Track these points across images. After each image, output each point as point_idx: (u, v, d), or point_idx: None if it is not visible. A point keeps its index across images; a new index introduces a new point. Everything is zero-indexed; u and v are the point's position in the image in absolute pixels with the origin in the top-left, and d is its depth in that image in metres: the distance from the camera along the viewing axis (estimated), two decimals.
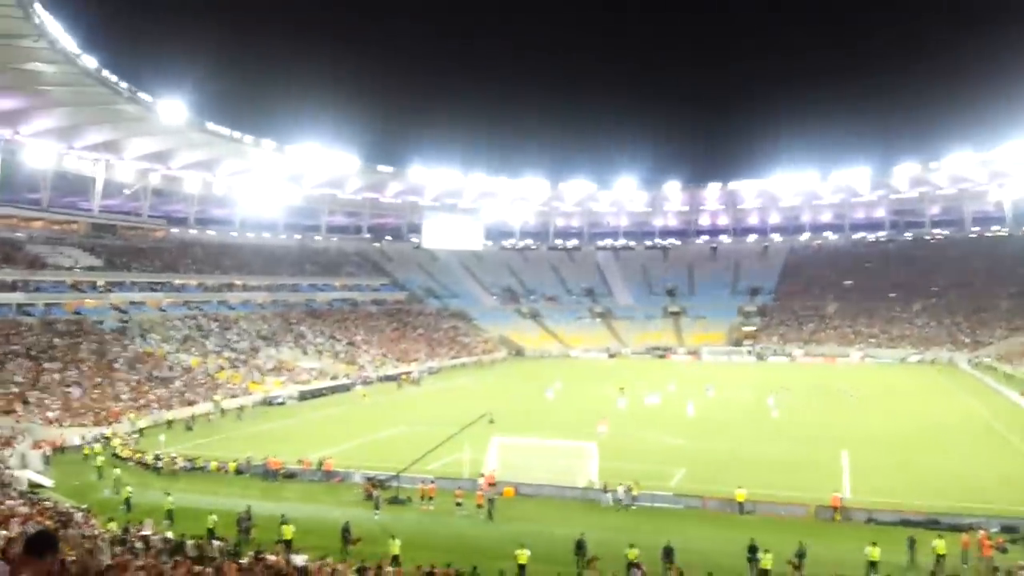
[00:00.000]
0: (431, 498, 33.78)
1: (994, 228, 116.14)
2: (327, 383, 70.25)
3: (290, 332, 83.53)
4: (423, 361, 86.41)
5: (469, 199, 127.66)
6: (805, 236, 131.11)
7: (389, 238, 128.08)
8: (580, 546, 26.14)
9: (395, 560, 24.66)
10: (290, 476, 38.85)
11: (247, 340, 76.88)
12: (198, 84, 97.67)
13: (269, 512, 29.76)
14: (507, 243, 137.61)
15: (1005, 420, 51.29)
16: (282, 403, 62.30)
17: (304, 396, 64.95)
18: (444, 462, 38.96)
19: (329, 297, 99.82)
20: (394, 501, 33.84)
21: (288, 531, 26.70)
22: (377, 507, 32.39)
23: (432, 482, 34.86)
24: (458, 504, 33.08)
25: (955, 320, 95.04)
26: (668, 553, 25.40)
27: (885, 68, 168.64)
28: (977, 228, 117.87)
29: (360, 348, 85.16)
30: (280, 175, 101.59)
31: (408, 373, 78.61)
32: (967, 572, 25.04)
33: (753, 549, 25.39)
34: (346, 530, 27.28)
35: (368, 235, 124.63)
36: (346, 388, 70.18)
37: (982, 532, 27.02)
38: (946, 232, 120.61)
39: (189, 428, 51.07)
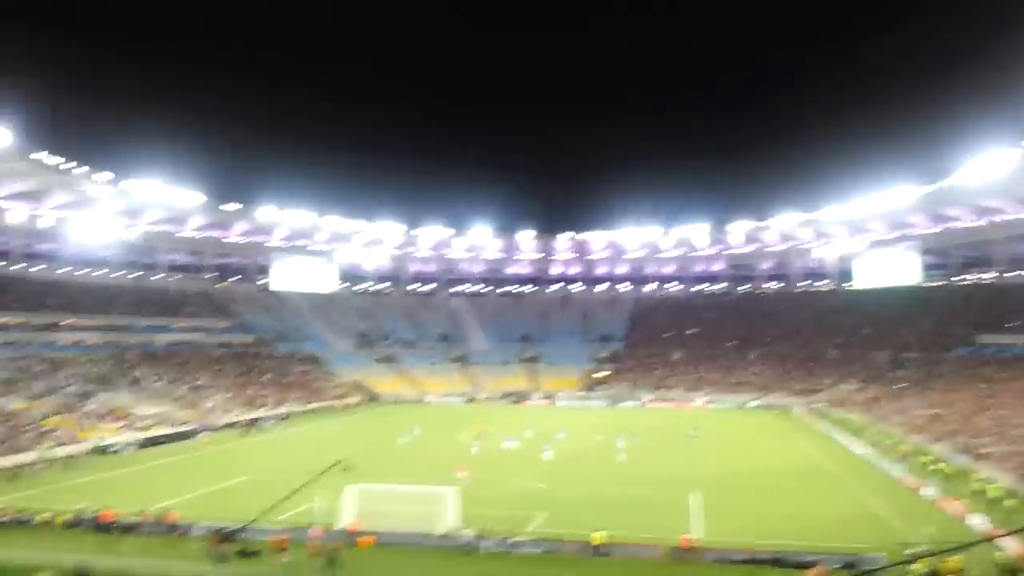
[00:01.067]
0: (284, 549, 32.16)
1: (818, 283, 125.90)
2: (168, 430, 65.96)
3: (126, 376, 78.12)
4: (272, 407, 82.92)
5: (321, 241, 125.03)
6: (650, 286, 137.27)
7: (235, 279, 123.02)
8: None
9: None
10: (128, 529, 35.91)
11: (78, 384, 71.20)
12: (32, 112, 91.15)
13: (105, 568, 27.35)
14: (361, 287, 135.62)
15: (837, 462, 54.85)
16: (116, 451, 57.88)
17: (143, 444, 60.61)
18: (295, 512, 37.28)
19: (169, 339, 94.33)
20: (243, 554, 31.92)
21: None
22: (222, 559, 30.29)
23: (282, 533, 33.25)
24: (283, 549, 31.75)
25: (787, 368, 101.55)
26: None
27: (723, 130, 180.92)
28: (805, 282, 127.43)
29: (204, 393, 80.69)
30: (115, 210, 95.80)
31: (255, 419, 75.19)
32: None
33: None
34: None
35: (212, 275, 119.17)
36: (189, 435, 66.15)
37: (820, 568, 28.63)
38: (778, 285, 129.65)
39: (13, 479, 46.55)
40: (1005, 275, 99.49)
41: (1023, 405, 57.89)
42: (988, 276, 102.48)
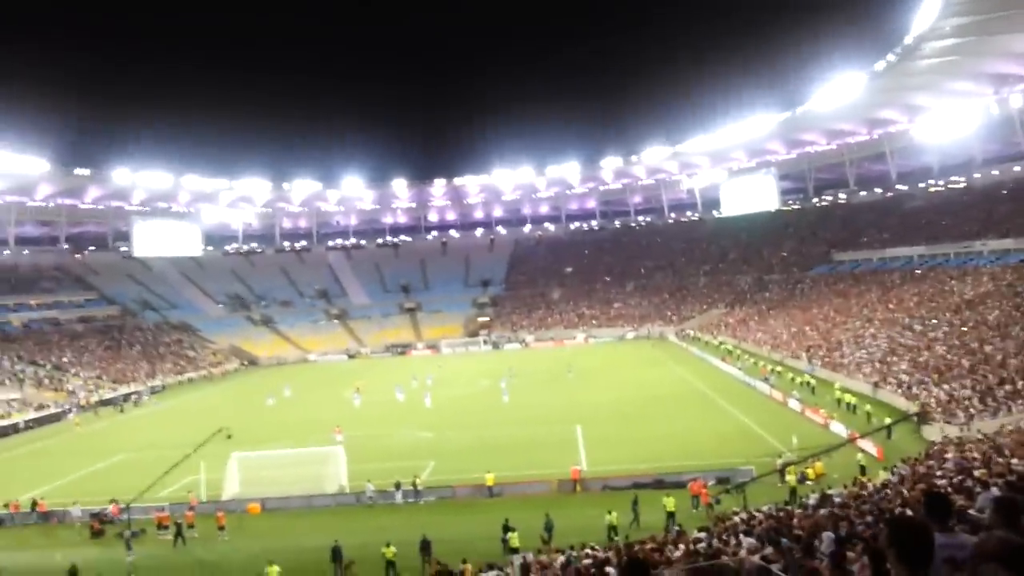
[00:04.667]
0: (165, 527, 31.22)
1: (688, 214, 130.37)
2: (32, 415, 62.09)
3: None
4: (144, 380, 79.34)
5: (184, 203, 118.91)
6: (527, 228, 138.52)
7: (93, 248, 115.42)
8: (336, 553, 25.51)
9: None
10: None
11: None
12: None
13: None
14: (230, 248, 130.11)
15: (710, 383, 57.68)
16: None
17: (5, 432, 56.84)
18: (179, 486, 36.14)
19: (25, 318, 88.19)
20: (124, 535, 30.76)
21: None
22: (129, 547, 28.97)
23: (163, 509, 32.26)
24: (190, 527, 30.98)
25: (662, 298, 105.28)
26: (425, 546, 25.60)
27: (590, 67, 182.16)
28: (674, 214, 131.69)
29: (68, 372, 76.29)
30: None
31: (128, 395, 71.89)
32: (694, 518, 27.67)
33: (506, 528, 26.32)
34: (73, 573, 24.41)
35: (67, 246, 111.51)
36: (56, 418, 62.54)
37: (700, 481, 30.32)
38: (648, 219, 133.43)
39: None
40: (857, 194, 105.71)
41: (876, 316, 62.25)
42: (841, 196, 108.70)
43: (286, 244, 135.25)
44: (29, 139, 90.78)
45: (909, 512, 12.04)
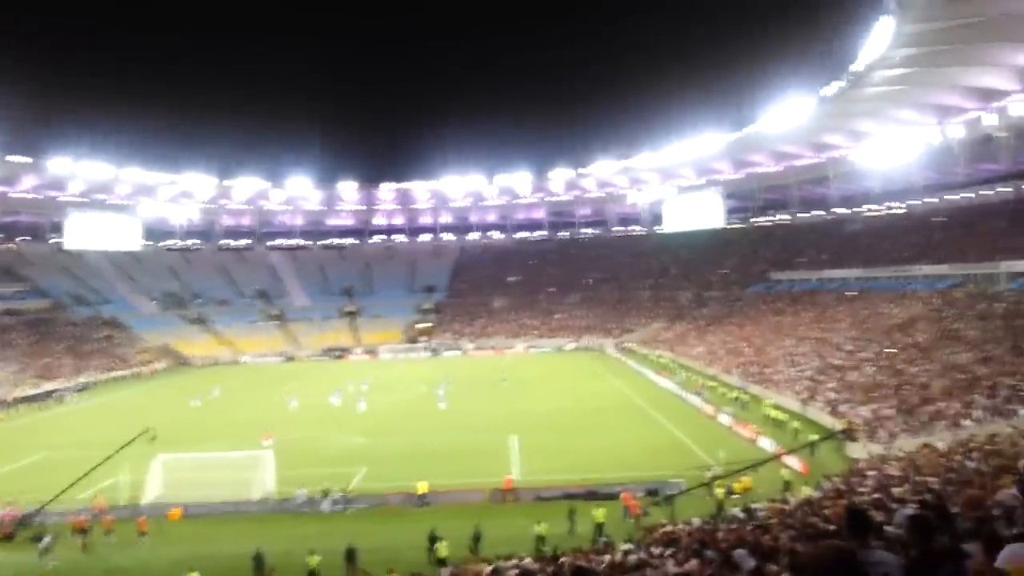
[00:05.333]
0: (83, 531, 30.09)
1: (632, 227, 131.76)
2: None
3: None
4: (70, 377, 76.81)
5: (123, 195, 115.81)
6: (474, 236, 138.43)
7: (26, 238, 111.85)
8: (258, 560, 24.91)
9: None
10: None
11: None
12: None
13: None
14: (169, 243, 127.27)
15: (645, 396, 58.22)
16: None
17: None
18: (100, 487, 34.96)
19: None
20: (38, 539, 29.55)
21: None
22: (47, 549, 27.65)
23: (80, 513, 31.11)
24: (107, 532, 29.98)
25: (604, 310, 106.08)
26: (351, 555, 25.15)
27: (541, 80, 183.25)
28: (620, 228, 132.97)
29: None
30: None
31: (51, 391, 69.50)
32: (623, 529, 27.67)
33: (433, 539, 26.01)
34: None
35: None
36: None
37: (627, 494, 30.47)
38: (595, 231, 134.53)
39: None
40: (798, 215, 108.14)
41: (809, 336, 63.59)
42: (784, 217, 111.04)
43: (227, 242, 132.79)
44: None
45: (831, 527, 12.18)
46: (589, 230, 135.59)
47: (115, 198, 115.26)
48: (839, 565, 3.25)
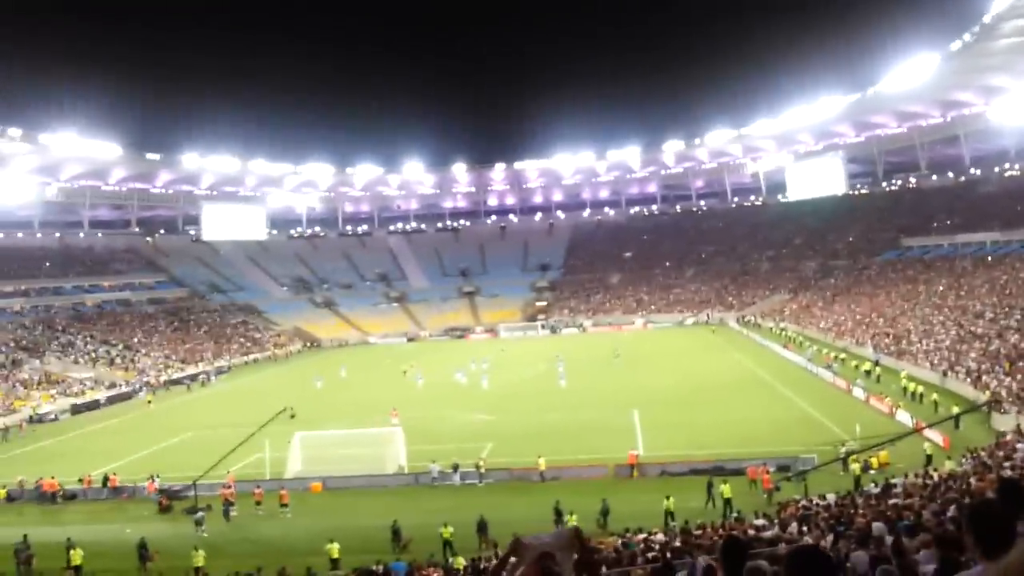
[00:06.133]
0: (232, 503, 32.13)
1: (751, 198, 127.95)
2: (104, 393, 64.51)
3: (56, 340, 75.83)
4: (211, 361, 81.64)
5: (250, 187, 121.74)
6: (587, 212, 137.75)
7: (163, 231, 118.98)
8: (396, 532, 26.01)
9: (198, 572, 23.32)
10: (71, 497, 35.33)
11: (5, 353, 68.85)
12: None
13: (51, 539, 26.85)
14: (294, 231, 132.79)
15: (770, 370, 56.74)
16: (54, 419, 56.36)
17: (78, 409, 59.06)
18: (245, 464, 37.19)
19: (99, 299, 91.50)
20: (192, 511, 31.80)
21: (77, 556, 24.26)
22: (199, 524, 29.74)
23: (229, 487, 33.17)
24: (257, 504, 31.85)
25: (723, 283, 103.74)
26: (482, 527, 25.89)
27: (652, 49, 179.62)
28: (737, 199, 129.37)
29: (139, 352, 78.93)
30: (31, 167, 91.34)
31: (195, 375, 74.05)
32: (750, 503, 27.30)
33: (559, 512, 26.43)
34: (142, 547, 25.30)
35: (139, 229, 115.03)
36: (127, 396, 64.79)
37: (763, 467, 29.87)
38: (710, 203, 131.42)
39: None
40: (929, 178, 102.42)
41: (945, 304, 60.33)
42: (912, 181, 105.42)
43: (348, 228, 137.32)
44: (102, 124, 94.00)
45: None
46: (704, 202, 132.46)
47: (244, 190, 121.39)
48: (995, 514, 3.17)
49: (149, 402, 61.33)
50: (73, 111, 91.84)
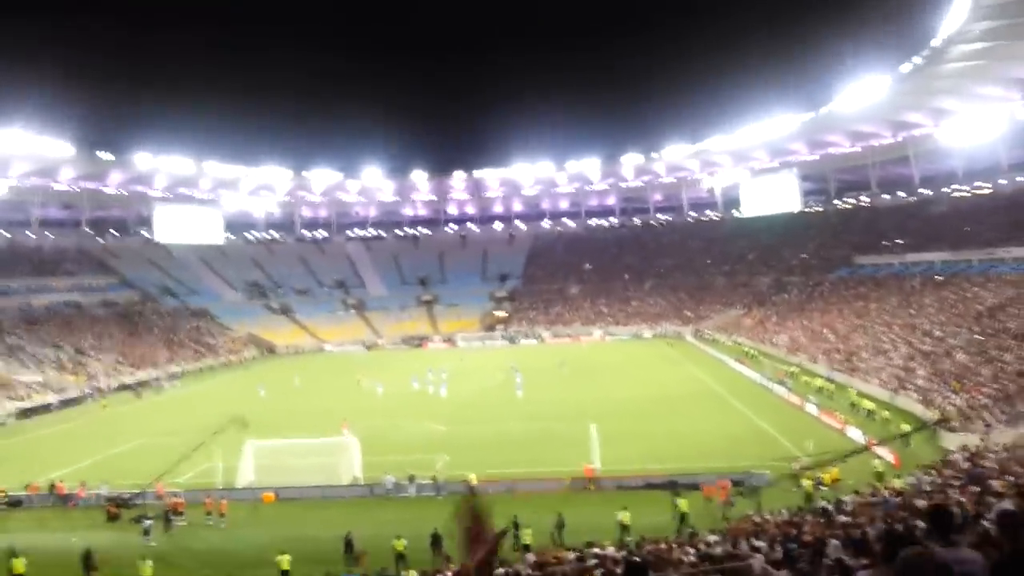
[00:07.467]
0: (180, 512, 31.56)
1: (707, 213, 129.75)
2: (53, 397, 62.84)
3: (2, 342, 73.76)
4: (163, 366, 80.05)
5: (205, 189, 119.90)
6: (546, 223, 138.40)
7: (115, 233, 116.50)
8: (348, 543, 25.76)
9: None
10: (15, 504, 34.39)
11: None
12: None
13: None
14: (251, 235, 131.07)
15: (726, 385, 57.42)
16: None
17: (26, 413, 57.56)
18: (195, 473, 36.54)
19: (48, 300, 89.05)
20: (140, 520, 31.13)
21: (19, 565, 23.59)
22: (147, 532, 29.19)
23: (178, 495, 32.58)
24: (207, 514, 31.32)
25: (680, 297, 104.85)
26: (436, 541, 25.74)
27: (612, 63, 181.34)
28: (694, 213, 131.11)
29: (89, 356, 77.12)
30: None
31: (147, 380, 72.58)
32: (705, 519, 27.56)
33: (516, 525, 26.37)
34: (87, 556, 24.68)
35: (90, 230, 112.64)
36: (76, 401, 63.24)
37: (719, 483, 30.22)
38: (668, 217, 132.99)
39: None
40: (879, 197, 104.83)
41: (895, 321, 61.71)
42: (864, 199, 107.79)
43: (306, 233, 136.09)
44: (52, 122, 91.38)
45: (919, 523, 11.96)
46: (662, 216, 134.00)
47: (199, 192, 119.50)
48: (919, 564, 3.29)
49: (105, 406, 59.98)
50: (22, 107, 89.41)
